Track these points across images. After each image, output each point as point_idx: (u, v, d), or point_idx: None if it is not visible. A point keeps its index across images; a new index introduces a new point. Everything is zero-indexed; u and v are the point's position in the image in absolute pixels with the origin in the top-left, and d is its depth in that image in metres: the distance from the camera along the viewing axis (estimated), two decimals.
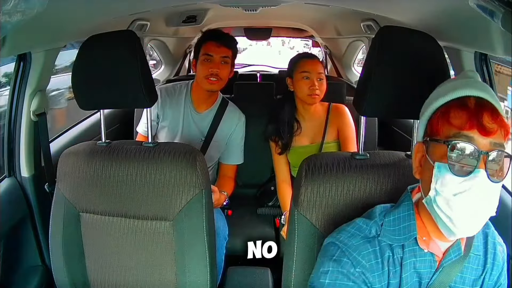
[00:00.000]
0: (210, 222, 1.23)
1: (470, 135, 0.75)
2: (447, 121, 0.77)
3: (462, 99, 0.78)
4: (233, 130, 1.89)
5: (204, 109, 1.85)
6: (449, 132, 0.77)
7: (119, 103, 1.28)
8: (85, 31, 1.31)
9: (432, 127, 0.81)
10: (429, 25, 1.25)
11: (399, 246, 0.84)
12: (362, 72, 1.12)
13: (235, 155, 1.93)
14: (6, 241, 1.36)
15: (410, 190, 0.90)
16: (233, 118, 1.89)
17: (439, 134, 0.78)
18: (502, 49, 1.02)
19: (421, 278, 0.84)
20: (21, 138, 1.45)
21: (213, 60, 1.73)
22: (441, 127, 0.78)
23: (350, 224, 0.89)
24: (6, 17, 0.74)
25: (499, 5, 0.76)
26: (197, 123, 1.84)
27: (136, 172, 1.20)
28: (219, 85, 1.76)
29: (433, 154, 0.79)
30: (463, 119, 0.75)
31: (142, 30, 2.20)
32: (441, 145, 0.77)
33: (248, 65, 4.85)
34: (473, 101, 0.77)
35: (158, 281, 1.25)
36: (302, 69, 1.80)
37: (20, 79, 1.41)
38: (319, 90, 1.78)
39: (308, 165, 1.09)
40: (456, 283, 0.85)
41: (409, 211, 0.86)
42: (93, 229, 1.26)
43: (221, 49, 1.73)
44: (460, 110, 0.77)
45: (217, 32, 1.83)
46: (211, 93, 1.81)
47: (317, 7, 2.24)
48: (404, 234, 0.84)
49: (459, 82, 0.82)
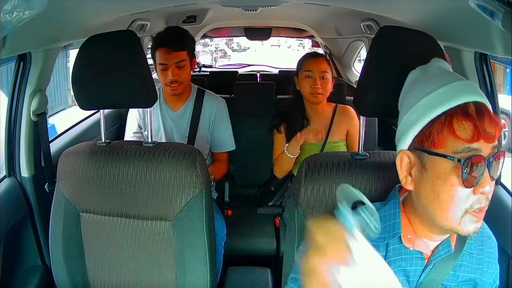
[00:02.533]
0: (210, 222, 1.23)
1: (477, 147, 0.72)
2: (452, 133, 0.73)
3: (463, 107, 0.74)
4: (214, 117, 1.89)
5: (180, 106, 1.86)
6: (456, 147, 0.73)
7: (119, 103, 1.28)
8: (85, 31, 1.31)
9: (432, 139, 0.76)
10: (429, 25, 1.25)
11: (383, 244, 0.84)
12: (362, 72, 1.12)
13: (223, 143, 1.92)
14: (6, 241, 1.36)
15: (397, 189, 0.89)
16: (211, 107, 1.88)
17: (443, 148, 0.74)
18: (502, 49, 1.02)
19: (408, 276, 0.84)
20: (21, 138, 1.45)
21: (169, 68, 1.70)
22: (445, 141, 0.74)
23: None
24: (6, 17, 0.74)
25: (499, 5, 0.76)
26: (176, 121, 1.86)
27: (136, 172, 1.20)
28: (182, 87, 1.76)
29: (434, 168, 0.76)
30: (469, 131, 0.72)
31: (142, 30, 2.20)
32: (446, 160, 0.74)
33: (248, 65, 4.85)
34: (473, 107, 0.74)
35: (158, 281, 1.25)
36: (305, 68, 1.82)
37: (20, 79, 1.41)
38: (322, 89, 1.78)
39: (308, 165, 1.09)
40: (449, 281, 0.85)
41: (395, 209, 0.85)
42: (93, 229, 1.26)
43: (174, 55, 1.68)
44: (464, 120, 0.73)
45: (167, 36, 1.72)
46: (180, 93, 1.82)
47: (317, 7, 2.25)
48: (388, 232, 0.84)
49: (452, 88, 0.77)
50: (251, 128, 2.31)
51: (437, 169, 0.75)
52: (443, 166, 0.74)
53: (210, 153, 1.97)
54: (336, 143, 1.88)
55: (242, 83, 2.74)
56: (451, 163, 0.73)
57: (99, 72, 1.18)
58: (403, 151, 0.80)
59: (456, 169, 0.73)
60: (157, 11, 2.10)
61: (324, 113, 1.90)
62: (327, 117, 1.90)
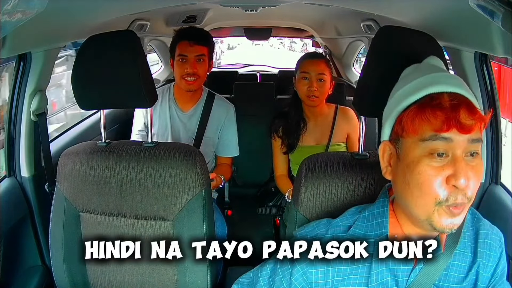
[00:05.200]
0: (210, 222, 1.23)
1: (447, 136, 0.72)
2: (423, 121, 0.74)
3: (436, 96, 0.75)
4: (223, 123, 1.88)
5: (190, 107, 1.85)
6: (424, 134, 0.74)
7: (119, 103, 1.28)
8: (85, 31, 1.31)
9: (403, 127, 0.77)
10: (429, 25, 1.25)
11: (371, 243, 0.83)
12: (362, 72, 1.12)
13: (229, 148, 1.92)
14: (6, 241, 1.36)
15: (387, 188, 0.89)
16: (221, 111, 1.88)
17: (413, 135, 0.75)
18: (502, 49, 1.02)
19: (397, 276, 0.83)
20: (21, 138, 1.45)
21: (188, 60, 1.72)
22: (415, 128, 0.75)
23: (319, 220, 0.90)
24: (6, 17, 0.74)
25: (499, 5, 0.76)
26: (185, 122, 1.84)
27: (136, 172, 1.20)
28: (198, 83, 1.76)
29: (405, 157, 0.76)
30: (440, 120, 0.72)
31: (142, 30, 2.19)
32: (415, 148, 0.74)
33: (248, 65, 4.85)
34: (447, 98, 0.74)
35: (158, 281, 1.25)
36: (302, 69, 1.78)
37: (20, 79, 1.41)
38: (318, 91, 1.75)
39: (308, 165, 1.09)
40: (441, 281, 0.84)
41: (384, 208, 0.85)
42: (93, 229, 1.26)
43: (195, 47, 1.71)
44: (435, 109, 0.73)
45: (190, 30, 1.79)
46: (193, 91, 1.82)
47: (317, 7, 2.24)
48: (376, 231, 0.84)
49: (428, 78, 0.78)
50: (251, 128, 2.30)
51: (407, 158, 0.76)
52: (412, 154, 0.75)
53: (213, 162, 1.96)
54: (337, 145, 1.87)
55: (242, 83, 2.74)
56: (419, 151, 0.74)
57: (99, 72, 1.18)
58: (384, 142, 0.83)
59: (424, 157, 0.74)
60: (157, 11, 2.10)
61: (322, 114, 1.88)
62: (326, 118, 1.88)
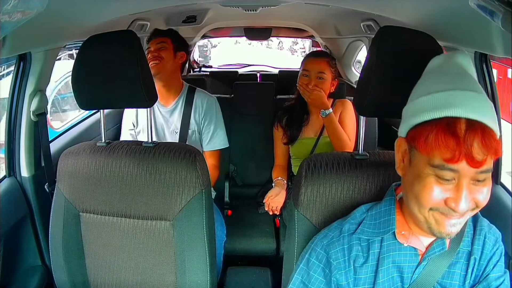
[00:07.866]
0: (210, 222, 1.23)
1: (455, 168, 0.71)
2: (432, 144, 0.71)
3: (452, 121, 0.71)
4: (205, 112, 1.90)
5: (171, 102, 1.88)
6: (433, 160, 0.72)
7: (119, 103, 1.28)
8: (85, 31, 1.31)
9: (415, 138, 0.75)
10: (429, 25, 1.25)
11: (377, 240, 0.86)
12: (362, 72, 1.12)
13: (215, 139, 1.91)
14: (6, 241, 1.36)
15: (394, 187, 0.91)
16: (202, 102, 1.90)
17: (425, 154, 0.74)
18: (502, 49, 1.02)
19: (402, 272, 0.85)
20: (21, 138, 1.45)
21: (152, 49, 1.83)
22: (427, 150, 0.73)
23: (329, 227, 0.93)
24: (6, 17, 0.74)
25: (499, 5, 0.76)
26: (167, 117, 1.88)
27: (136, 172, 1.21)
28: (160, 66, 1.79)
29: (416, 166, 0.77)
30: (451, 149, 0.70)
31: (142, 30, 2.19)
32: (426, 167, 0.74)
33: (248, 65, 4.84)
34: (463, 125, 0.70)
35: (158, 281, 1.25)
36: (303, 67, 1.83)
37: (20, 79, 1.41)
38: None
39: (308, 165, 1.09)
40: (444, 278, 0.85)
41: (390, 206, 0.87)
42: (93, 229, 1.26)
43: (157, 39, 1.85)
44: (448, 137, 0.70)
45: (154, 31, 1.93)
46: (168, 84, 1.84)
47: (317, 7, 2.24)
48: (383, 228, 0.86)
49: (449, 96, 0.74)
50: (251, 128, 2.30)
51: (417, 169, 0.77)
52: (422, 169, 0.75)
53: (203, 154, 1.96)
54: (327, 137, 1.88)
55: (242, 83, 2.74)
56: (428, 170, 0.74)
57: (99, 72, 1.19)
58: (401, 138, 0.83)
59: (432, 176, 0.74)
60: (157, 11, 2.10)
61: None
62: None
